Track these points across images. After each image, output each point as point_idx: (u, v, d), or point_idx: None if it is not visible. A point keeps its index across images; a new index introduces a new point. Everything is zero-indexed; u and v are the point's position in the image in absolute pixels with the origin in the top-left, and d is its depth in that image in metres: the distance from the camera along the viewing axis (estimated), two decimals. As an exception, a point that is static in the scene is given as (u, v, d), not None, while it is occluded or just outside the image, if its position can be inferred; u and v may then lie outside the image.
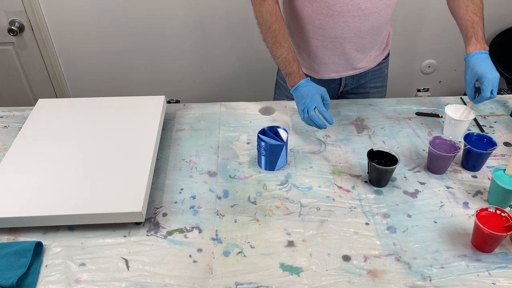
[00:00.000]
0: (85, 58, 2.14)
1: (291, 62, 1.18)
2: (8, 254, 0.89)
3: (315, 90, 1.14)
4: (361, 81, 1.41)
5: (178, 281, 0.87)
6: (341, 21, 1.18)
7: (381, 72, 1.43)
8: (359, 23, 1.19)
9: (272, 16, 1.17)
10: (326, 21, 1.19)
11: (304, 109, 1.13)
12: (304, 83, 1.16)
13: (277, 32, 1.18)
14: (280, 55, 1.19)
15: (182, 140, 1.24)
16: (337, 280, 0.86)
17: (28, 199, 0.96)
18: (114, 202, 0.95)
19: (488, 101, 1.39)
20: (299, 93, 1.16)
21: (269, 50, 1.21)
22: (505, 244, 0.93)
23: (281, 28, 1.18)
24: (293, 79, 1.18)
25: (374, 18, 1.19)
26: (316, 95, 1.13)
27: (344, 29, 1.20)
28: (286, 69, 1.19)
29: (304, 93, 1.15)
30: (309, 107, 1.12)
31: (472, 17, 1.17)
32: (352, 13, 1.16)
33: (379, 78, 1.43)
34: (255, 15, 1.20)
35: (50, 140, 1.14)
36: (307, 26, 1.23)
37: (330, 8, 1.16)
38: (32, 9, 1.93)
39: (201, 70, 2.23)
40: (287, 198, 1.05)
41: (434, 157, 1.08)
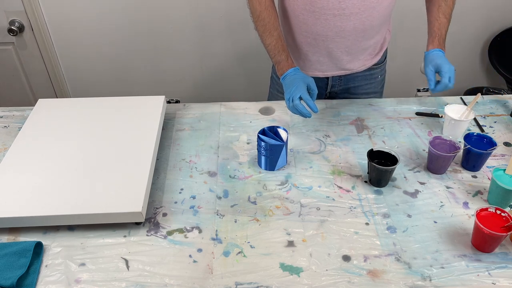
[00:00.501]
0: (85, 58, 2.14)
1: (280, 51, 1.20)
2: (8, 254, 0.89)
3: (301, 79, 1.15)
4: (349, 84, 1.39)
5: (178, 281, 0.87)
6: (322, 19, 1.18)
7: (373, 78, 1.41)
8: (340, 22, 1.18)
9: (262, 5, 1.19)
10: (309, 17, 1.19)
11: (290, 98, 1.14)
12: (292, 72, 1.17)
13: (266, 21, 1.20)
14: (270, 43, 1.20)
15: (182, 140, 1.24)
16: (337, 280, 0.86)
17: (28, 199, 0.96)
18: (114, 202, 0.95)
19: (488, 101, 1.39)
20: (287, 82, 1.17)
21: (260, 39, 1.23)
22: (505, 244, 0.93)
23: (271, 17, 1.20)
24: (282, 67, 1.19)
25: (356, 19, 1.18)
26: (302, 83, 1.14)
27: (325, 27, 1.20)
28: (276, 57, 1.20)
29: (291, 81, 1.15)
30: (294, 96, 1.12)
31: (441, 19, 1.25)
32: (333, 12, 1.16)
33: (371, 83, 1.41)
34: (247, 4, 1.23)
35: (50, 140, 1.14)
36: (292, 21, 1.24)
37: (312, 4, 1.16)
38: (32, 9, 1.93)
39: (201, 70, 2.23)
40: (287, 198, 1.05)
41: (434, 157, 1.08)
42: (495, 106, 1.37)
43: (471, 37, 2.21)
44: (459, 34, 2.17)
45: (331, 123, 1.29)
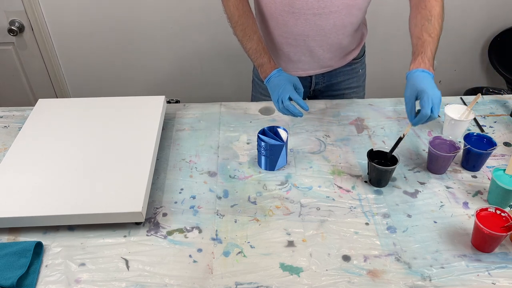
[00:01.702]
0: (85, 58, 2.14)
1: (262, 54, 1.19)
2: (8, 254, 0.89)
3: (287, 79, 1.15)
4: (332, 81, 1.40)
5: (178, 281, 0.87)
6: (302, 19, 1.18)
7: (355, 72, 1.42)
8: (320, 21, 1.18)
9: (239, 10, 1.19)
10: (289, 18, 1.19)
11: (279, 99, 1.14)
12: (276, 74, 1.17)
13: (245, 25, 1.20)
14: (250, 47, 1.20)
15: (182, 140, 1.24)
16: (337, 280, 0.86)
17: (28, 199, 0.96)
18: (114, 202, 0.95)
19: (488, 101, 1.39)
20: (272, 84, 1.17)
21: (240, 44, 1.23)
22: (505, 244, 0.93)
23: (249, 21, 1.20)
24: (265, 70, 1.19)
25: (336, 17, 1.18)
26: (289, 84, 1.14)
27: (305, 27, 1.20)
28: (257, 60, 1.20)
29: (277, 83, 1.16)
30: (283, 97, 1.12)
31: (425, 37, 1.09)
32: (313, 11, 1.16)
33: (353, 78, 1.42)
34: (224, 11, 1.22)
35: (50, 140, 1.14)
36: (271, 23, 1.24)
37: (291, 5, 1.16)
38: (32, 9, 1.93)
39: (201, 70, 2.23)
40: (287, 198, 1.05)
41: (434, 157, 1.08)
42: (495, 106, 1.37)
43: (471, 37, 2.21)
44: (459, 34, 2.18)
45: (331, 123, 1.29)
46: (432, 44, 1.08)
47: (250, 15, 1.21)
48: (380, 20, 2.11)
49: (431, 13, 1.11)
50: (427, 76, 1.03)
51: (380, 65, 2.27)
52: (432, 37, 1.08)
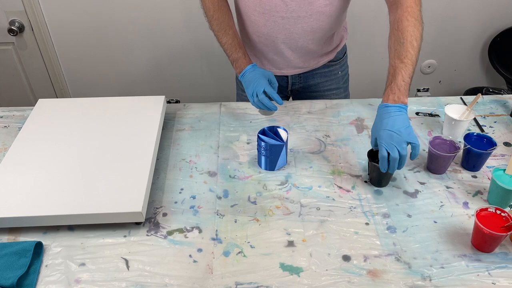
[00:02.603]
0: (85, 58, 2.14)
1: (237, 49, 1.20)
2: (8, 254, 0.89)
3: (261, 74, 1.16)
4: (309, 82, 1.40)
5: (178, 281, 0.87)
6: (271, 20, 1.19)
7: (333, 74, 1.41)
8: (288, 24, 1.18)
9: (215, 4, 1.20)
10: (259, 18, 1.19)
11: (253, 93, 1.14)
12: (250, 68, 1.18)
13: (221, 20, 1.20)
14: (225, 42, 1.21)
15: (182, 140, 1.24)
16: (337, 280, 0.86)
17: (28, 199, 0.96)
18: (114, 202, 0.95)
19: (488, 101, 1.39)
20: (247, 79, 1.18)
21: (216, 38, 1.23)
22: (505, 244, 0.93)
23: (225, 15, 1.21)
24: (240, 65, 1.20)
25: (305, 22, 1.17)
26: (263, 78, 1.15)
27: (274, 29, 1.20)
28: (232, 55, 1.21)
29: (251, 77, 1.16)
30: (258, 90, 1.13)
31: (396, 63, 1.02)
32: (281, 14, 1.16)
33: (331, 80, 1.42)
34: (200, 5, 1.23)
35: (50, 140, 1.14)
36: (245, 21, 1.25)
37: (261, 6, 1.16)
38: (32, 9, 1.93)
39: (201, 70, 2.23)
40: (287, 198, 1.05)
41: (434, 157, 1.08)
42: (495, 106, 1.37)
43: (471, 37, 2.21)
44: (459, 34, 2.18)
45: (331, 123, 1.29)
46: (404, 69, 1.01)
47: (225, 10, 1.22)
48: (380, 20, 2.11)
49: (404, 35, 1.04)
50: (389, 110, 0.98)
51: (379, 65, 2.27)
52: (405, 62, 1.01)
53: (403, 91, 1.00)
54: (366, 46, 2.20)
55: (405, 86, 1.00)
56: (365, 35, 2.16)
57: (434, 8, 2.07)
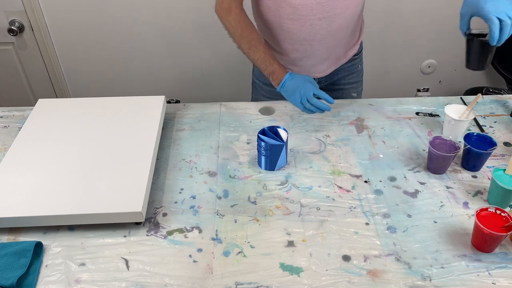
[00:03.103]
0: (85, 58, 2.14)
1: (271, 61, 1.19)
2: (8, 254, 0.89)
3: (302, 79, 1.16)
4: (334, 78, 1.42)
5: (178, 281, 0.87)
6: (308, 24, 1.18)
7: (355, 68, 1.43)
8: (325, 24, 1.19)
9: (241, 23, 1.18)
10: (293, 25, 1.19)
11: (302, 99, 1.14)
12: (289, 77, 1.18)
13: (250, 37, 1.19)
14: (258, 58, 1.19)
15: (182, 140, 1.24)
16: (337, 280, 0.86)
17: (28, 199, 0.96)
18: (114, 202, 0.95)
19: (488, 101, 1.39)
20: (288, 88, 1.17)
21: (246, 56, 1.22)
22: (505, 244, 0.93)
23: (253, 32, 1.19)
24: (277, 76, 1.19)
25: (341, 18, 1.19)
26: (307, 83, 1.15)
27: (311, 32, 1.20)
28: (268, 69, 1.20)
29: (294, 85, 1.16)
30: (307, 95, 1.13)
31: None
32: (318, 16, 1.16)
33: (352, 74, 1.44)
34: (225, 26, 1.21)
35: (50, 140, 1.14)
36: (276, 30, 1.24)
37: (296, 13, 1.16)
38: (32, 9, 1.93)
39: (201, 70, 2.23)
40: (287, 198, 1.05)
41: (434, 157, 1.08)
42: (495, 106, 1.37)
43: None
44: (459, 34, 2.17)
45: (331, 123, 1.29)
46: None
47: (252, 26, 1.20)
48: (380, 20, 2.11)
49: None
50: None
51: (379, 65, 2.27)
52: None
53: None
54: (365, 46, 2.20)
55: None
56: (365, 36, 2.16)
57: (434, 8, 2.07)
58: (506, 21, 0.94)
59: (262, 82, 1.42)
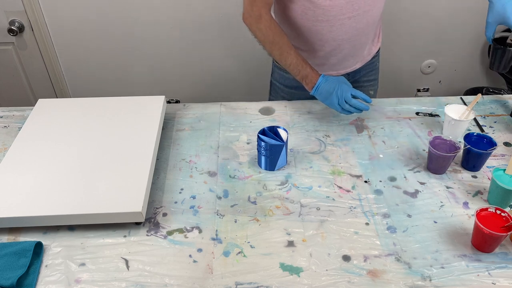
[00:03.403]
0: (85, 58, 2.14)
1: (303, 65, 1.18)
2: (8, 254, 0.89)
3: (337, 81, 1.16)
4: (356, 76, 1.42)
5: (178, 281, 0.87)
6: (337, 24, 1.19)
7: (374, 66, 1.45)
8: (355, 23, 1.20)
9: (272, 29, 1.17)
10: (322, 26, 1.20)
11: (339, 101, 1.14)
12: (323, 80, 1.17)
13: (281, 43, 1.18)
14: (290, 63, 1.18)
15: (182, 140, 1.24)
16: (337, 280, 0.86)
17: (28, 199, 0.96)
18: (114, 202, 0.95)
19: (488, 101, 1.39)
20: (323, 91, 1.17)
21: (277, 62, 1.21)
22: (505, 244, 0.93)
23: (283, 38, 1.18)
24: (311, 80, 1.18)
25: (369, 15, 1.20)
26: (342, 84, 1.15)
27: (341, 31, 1.21)
28: (300, 73, 1.19)
29: (329, 88, 1.16)
30: (345, 97, 1.14)
31: None
32: (347, 15, 1.17)
33: (372, 71, 1.45)
34: (254, 34, 1.20)
35: (50, 140, 1.14)
36: (305, 33, 1.24)
37: (325, 14, 1.16)
38: (32, 9, 1.93)
39: (201, 70, 2.23)
40: (287, 198, 1.05)
41: (434, 157, 1.08)
42: (495, 106, 1.37)
43: (471, 37, 2.21)
44: (459, 34, 2.17)
45: (331, 123, 1.29)
46: None
47: (282, 31, 1.19)
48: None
49: None
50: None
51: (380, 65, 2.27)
52: None
53: None
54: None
55: None
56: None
57: (434, 8, 2.07)
58: None
59: (282, 84, 1.42)
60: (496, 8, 1.08)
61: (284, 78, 1.40)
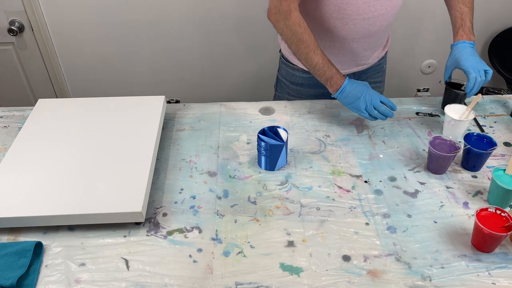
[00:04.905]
0: (85, 58, 2.14)
1: (329, 66, 1.16)
2: (8, 254, 0.89)
3: (364, 86, 1.16)
4: (362, 77, 1.42)
5: (178, 281, 0.87)
6: (351, 24, 1.19)
7: (381, 68, 1.45)
8: (368, 24, 1.20)
9: (301, 27, 1.14)
10: (336, 23, 1.19)
11: (367, 107, 1.14)
12: (349, 83, 1.16)
13: (308, 42, 1.14)
14: (317, 62, 1.16)
15: (182, 140, 1.24)
16: (337, 280, 0.86)
17: (28, 199, 0.96)
18: (114, 202, 0.95)
19: (488, 101, 1.39)
20: (348, 94, 1.16)
21: (302, 61, 1.19)
22: (505, 244, 0.93)
23: (311, 36, 1.15)
24: (336, 82, 1.16)
25: (384, 19, 1.21)
26: (369, 89, 1.16)
27: (353, 31, 1.21)
28: (326, 74, 1.16)
29: (357, 92, 1.15)
30: (374, 103, 1.14)
31: (462, 8, 1.23)
32: (363, 16, 1.17)
33: (378, 73, 1.45)
34: (281, 31, 1.16)
35: (50, 140, 1.14)
36: (317, 28, 1.23)
37: (340, 12, 1.16)
38: (32, 9, 1.93)
39: (201, 70, 2.23)
40: (287, 198, 1.05)
41: (434, 157, 1.08)
42: (495, 106, 1.37)
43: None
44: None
45: (331, 123, 1.29)
46: (469, 13, 1.24)
47: (309, 30, 1.16)
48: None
49: None
50: (467, 46, 1.20)
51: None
52: (468, 6, 1.24)
53: (472, 31, 1.24)
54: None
55: (471, 28, 1.23)
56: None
57: (434, 8, 2.07)
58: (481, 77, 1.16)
59: (290, 81, 1.42)
60: (453, 54, 1.22)
61: (290, 75, 1.40)
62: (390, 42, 1.43)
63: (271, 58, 1.22)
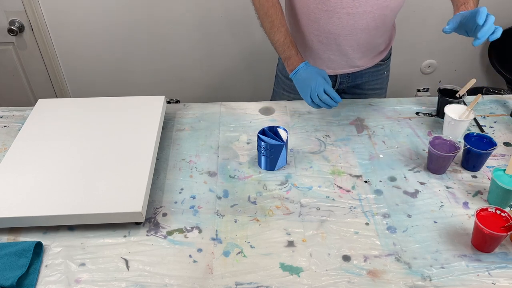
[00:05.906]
0: (85, 58, 2.14)
1: (290, 46, 1.19)
2: (8, 254, 0.89)
3: (316, 72, 1.15)
4: (357, 81, 1.41)
5: (178, 281, 0.87)
6: (335, 17, 1.18)
7: (380, 74, 1.43)
8: (353, 20, 1.19)
9: (269, 2, 1.18)
10: (321, 15, 1.19)
11: (312, 93, 1.13)
12: (303, 67, 1.17)
13: (273, 17, 1.18)
14: (278, 39, 1.19)
15: (182, 140, 1.24)
16: (337, 280, 0.86)
17: (28, 199, 0.96)
18: (114, 202, 0.95)
19: (488, 101, 1.39)
20: (300, 77, 1.16)
21: (267, 35, 1.22)
22: (505, 244, 0.93)
23: (278, 13, 1.19)
24: (292, 63, 1.18)
25: (369, 17, 1.19)
26: (319, 77, 1.13)
27: (338, 26, 1.20)
28: (285, 53, 1.19)
29: (306, 76, 1.15)
30: (318, 90, 1.12)
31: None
32: (347, 10, 1.16)
33: (377, 79, 1.43)
34: (252, 1, 1.21)
35: (50, 140, 1.14)
36: (303, 20, 1.24)
37: (325, 3, 1.16)
38: (32, 9, 1.93)
39: (201, 70, 2.23)
40: (287, 198, 1.05)
41: (434, 157, 1.08)
42: (495, 106, 1.37)
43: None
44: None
45: (331, 123, 1.29)
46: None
47: (278, 7, 1.20)
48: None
49: None
50: None
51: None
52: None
53: None
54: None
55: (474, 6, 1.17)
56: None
57: (434, 8, 2.07)
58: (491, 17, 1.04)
59: (284, 76, 1.42)
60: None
61: (285, 70, 1.39)
62: (389, 50, 1.40)
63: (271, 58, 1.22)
